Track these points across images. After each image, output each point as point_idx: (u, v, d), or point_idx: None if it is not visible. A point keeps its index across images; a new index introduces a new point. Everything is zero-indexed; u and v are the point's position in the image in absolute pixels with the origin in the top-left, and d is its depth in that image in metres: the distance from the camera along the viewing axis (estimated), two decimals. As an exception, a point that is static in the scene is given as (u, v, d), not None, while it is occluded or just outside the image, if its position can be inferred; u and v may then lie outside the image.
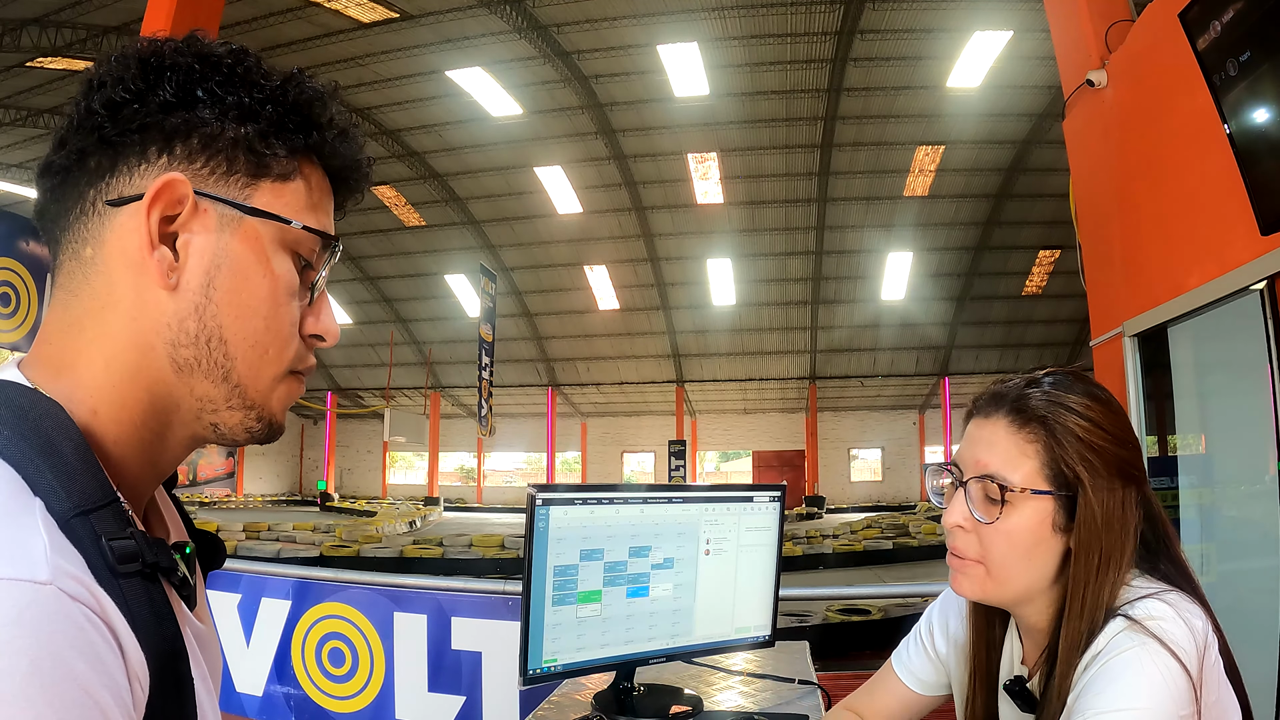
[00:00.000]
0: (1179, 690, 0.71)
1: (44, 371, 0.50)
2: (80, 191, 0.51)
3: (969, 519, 0.84)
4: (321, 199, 0.57)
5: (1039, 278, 21.89)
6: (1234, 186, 2.28)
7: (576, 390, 27.02)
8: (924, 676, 1.05)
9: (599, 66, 15.88)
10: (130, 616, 0.43)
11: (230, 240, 0.52)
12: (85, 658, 0.39)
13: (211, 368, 0.52)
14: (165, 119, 0.50)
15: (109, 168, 0.51)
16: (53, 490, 0.42)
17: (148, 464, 0.53)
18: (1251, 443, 2.40)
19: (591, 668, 1.29)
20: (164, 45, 0.52)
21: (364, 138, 0.60)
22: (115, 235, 0.50)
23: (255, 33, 13.93)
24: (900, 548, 13.32)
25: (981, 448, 0.85)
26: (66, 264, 0.51)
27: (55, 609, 0.38)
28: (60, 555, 0.40)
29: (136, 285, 0.50)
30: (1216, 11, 2.31)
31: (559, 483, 1.56)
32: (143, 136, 0.50)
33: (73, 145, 0.51)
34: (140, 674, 0.42)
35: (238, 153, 0.52)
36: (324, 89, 0.57)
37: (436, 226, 21.62)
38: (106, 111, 0.50)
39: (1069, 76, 3.46)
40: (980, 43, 14.29)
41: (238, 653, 2.93)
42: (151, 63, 0.51)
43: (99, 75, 0.51)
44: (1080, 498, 0.80)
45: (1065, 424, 0.82)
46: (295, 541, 13.69)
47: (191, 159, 0.51)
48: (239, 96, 0.52)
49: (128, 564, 0.43)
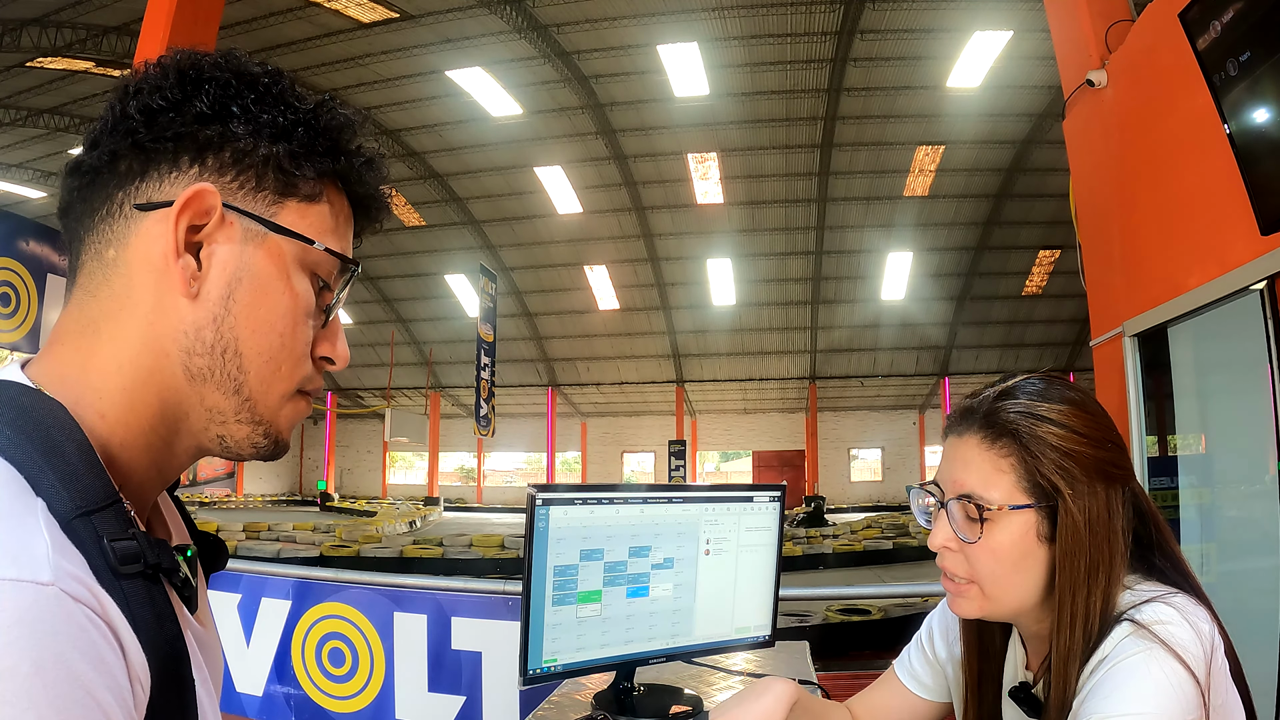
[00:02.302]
0: (1186, 694, 0.70)
1: (53, 372, 0.50)
2: (108, 193, 0.51)
3: (953, 539, 0.84)
4: (343, 224, 0.58)
5: (1039, 278, 21.88)
6: (1234, 186, 2.28)
7: (576, 390, 27.02)
8: (927, 681, 1.05)
9: (599, 66, 15.87)
10: (131, 617, 0.43)
11: (253, 255, 0.53)
12: (87, 658, 0.39)
13: (224, 379, 0.53)
14: (200, 130, 0.51)
15: (139, 172, 0.51)
16: (55, 491, 0.43)
17: (153, 469, 0.53)
18: (1251, 443, 2.40)
19: (591, 668, 1.29)
20: (202, 59, 0.53)
21: (388, 169, 0.61)
22: (140, 239, 0.51)
23: (255, 33, 13.93)
24: (900, 548, 13.32)
25: (958, 466, 0.85)
26: (88, 264, 0.52)
27: (58, 610, 0.38)
28: (62, 556, 0.40)
29: (157, 290, 0.51)
30: (1216, 11, 2.31)
31: (559, 483, 1.56)
32: (176, 145, 0.51)
33: (105, 147, 0.51)
34: (142, 675, 0.43)
35: (267, 170, 0.53)
36: (355, 116, 0.58)
37: (436, 226, 21.62)
38: (142, 117, 0.51)
39: (1069, 76, 3.46)
40: (980, 43, 14.29)
41: (238, 653, 2.93)
42: (190, 74, 0.52)
43: (136, 82, 0.52)
44: (1060, 507, 0.79)
45: (1038, 434, 0.80)
46: (295, 542, 13.70)
47: (222, 172, 0.52)
48: (273, 115, 0.53)
49: (129, 565, 0.43)
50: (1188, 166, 2.59)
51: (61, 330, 0.52)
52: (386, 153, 18.43)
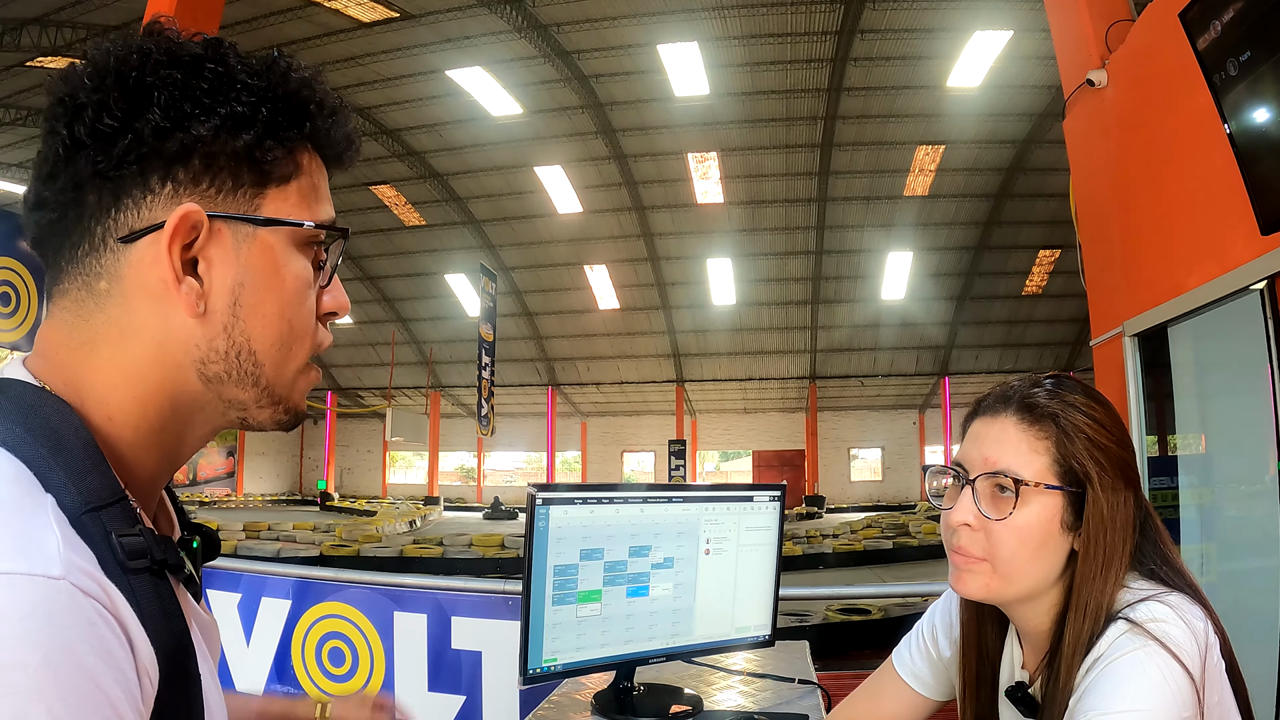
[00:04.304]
0: (1181, 692, 0.71)
1: (55, 375, 0.49)
2: (84, 227, 0.49)
3: (977, 517, 0.84)
4: (320, 182, 0.57)
5: (1039, 277, 21.89)
6: (1234, 186, 2.28)
7: (576, 390, 27.03)
8: (927, 679, 1.05)
9: (599, 66, 15.88)
10: (140, 612, 0.43)
11: (248, 255, 0.52)
12: (97, 652, 0.39)
13: (242, 377, 0.53)
14: (162, 145, 0.48)
15: (111, 203, 0.49)
16: (64, 487, 0.43)
17: (164, 462, 0.53)
18: (1251, 443, 2.40)
19: (591, 667, 1.29)
20: (132, 53, 0.49)
21: (348, 107, 0.58)
22: (133, 270, 0.49)
23: (255, 32, 13.93)
24: (900, 547, 13.33)
25: (990, 445, 0.85)
26: (74, 292, 0.50)
27: (68, 603, 0.39)
28: (73, 551, 0.40)
29: (159, 314, 0.50)
30: (1217, 11, 2.31)
31: (559, 482, 1.56)
32: (142, 167, 0.48)
33: (65, 179, 0.48)
34: (150, 669, 0.43)
35: (240, 166, 0.51)
36: (308, 72, 0.54)
37: (436, 226, 21.63)
38: (96, 143, 0.47)
39: (1069, 76, 3.46)
40: (980, 42, 14.30)
41: (238, 652, 2.93)
42: (130, 78, 0.48)
43: (75, 94, 0.48)
44: (1089, 494, 0.81)
45: (1074, 421, 0.83)
46: (295, 541, 13.69)
47: (196, 181, 0.49)
48: (230, 103, 0.50)
49: (137, 560, 0.44)
50: (1188, 166, 2.59)
51: (50, 346, 0.50)
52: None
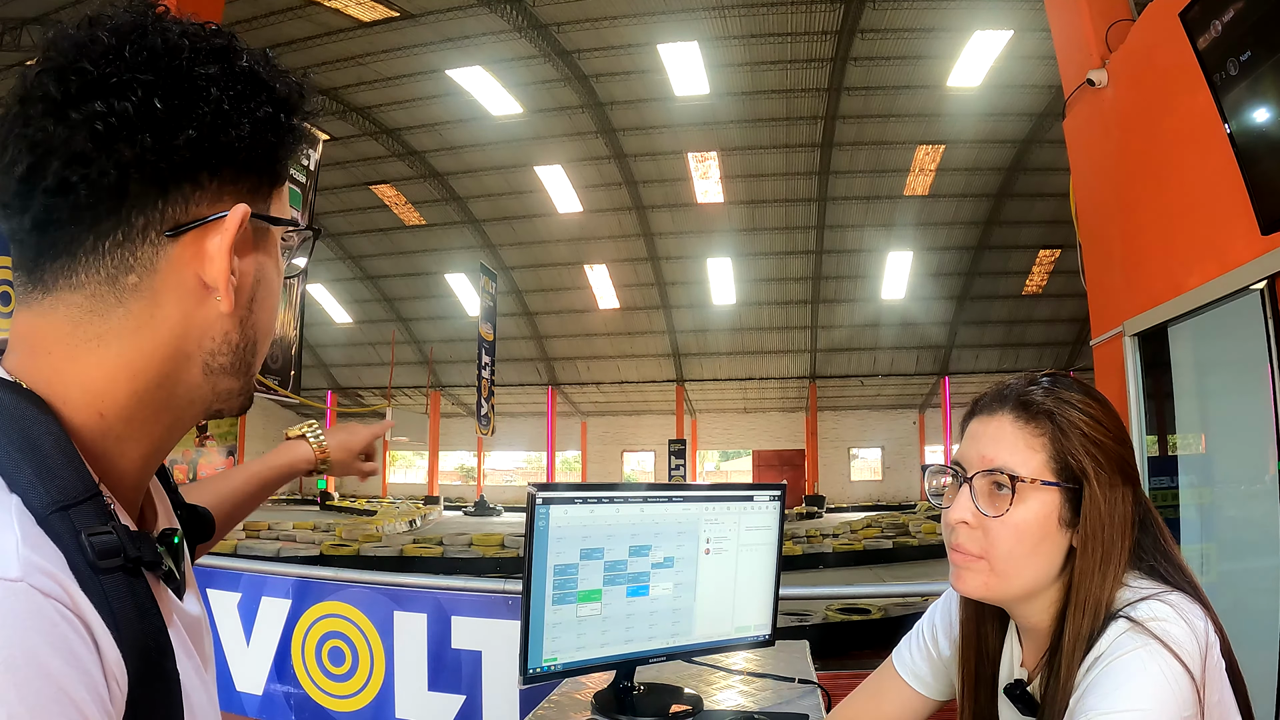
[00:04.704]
0: (1182, 691, 0.71)
1: (38, 372, 0.47)
2: (121, 216, 0.47)
3: (975, 514, 0.84)
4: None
5: (1039, 277, 21.88)
6: (1234, 186, 2.28)
7: (576, 389, 27.02)
8: (927, 678, 1.05)
9: (599, 65, 15.87)
10: (111, 613, 0.42)
11: (264, 253, 0.54)
12: (59, 654, 0.38)
13: (242, 368, 0.54)
14: (216, 140, 0.48)
15: (159, 194, 0.47)
16: (31, 486, 0.42)
17: (153, 452, 0.53)
18: (1251, 442, 2.40)
19: (591, 667, 1.29)
20: (184, 39, 0.48)
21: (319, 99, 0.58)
22: (170, 264, 0.48)
23: (255, 32, 13.92)
24: (900, 547, 13.31)
25: (986, 443, 0.86)
26: (90, 286, 0.47)
27: (27, 605, 0.38)
28: (34, 551, 0.39)
29: (183, 308, 0.49)
30: (1217, 11, 2.31)
31: (559, 482, 1.55)
32: (195, 160, 0.48)
33: (104, 165, 0.45)
34: (118, 672, 0.42)
35: (266, 166, 0.52)
36: (297, 75, 0.54)
37: (436, 225, 21.61)
38: (148, 130, 0.45)
39: (1069, 76, 3.46)
40: (980, 42, 14.28)
41: (238, 652, 2.94)
42: (183, 68, 0.47)
43: (106, 71, 0.45)
44: (1085, 490, 0.81)
45: (1070, 418, 0.83)
46: (295, 540, 13.67)
47: (236, 180, 0.50)
48: (255, 102, 0.50)
49: (108, 559, 0.43)
50: (1188, 166, 2.59)
51: (46, 340, 0.48)
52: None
